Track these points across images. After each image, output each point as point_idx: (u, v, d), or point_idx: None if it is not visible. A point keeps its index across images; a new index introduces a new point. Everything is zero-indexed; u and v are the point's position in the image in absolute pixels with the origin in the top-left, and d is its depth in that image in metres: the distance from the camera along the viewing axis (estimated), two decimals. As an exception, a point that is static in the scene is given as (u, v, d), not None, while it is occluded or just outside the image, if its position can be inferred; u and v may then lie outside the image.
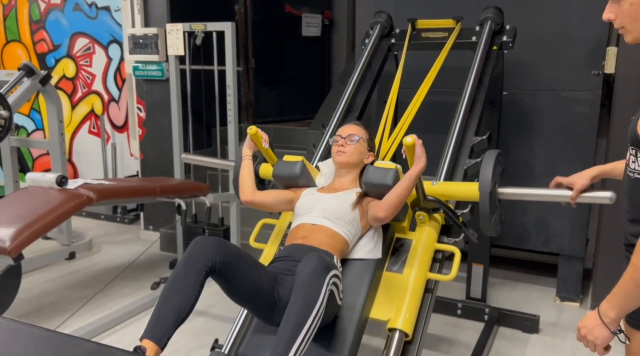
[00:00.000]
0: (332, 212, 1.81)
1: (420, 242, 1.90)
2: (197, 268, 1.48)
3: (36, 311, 3.10)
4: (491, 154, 1.90)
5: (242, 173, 1.98)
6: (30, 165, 5.82)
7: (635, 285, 1.12)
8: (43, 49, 5.55)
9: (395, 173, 1.81)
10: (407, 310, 1.75)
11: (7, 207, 2.44)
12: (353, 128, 2.01)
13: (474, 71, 2.48)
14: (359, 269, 1.83)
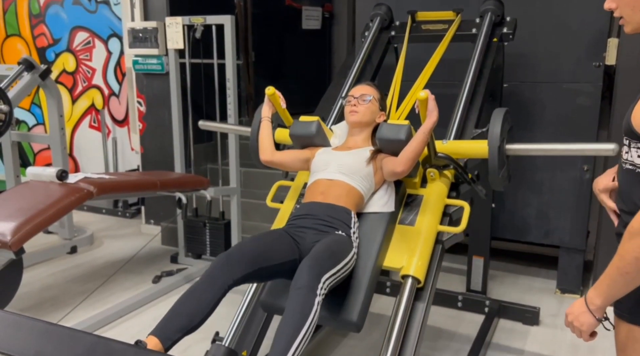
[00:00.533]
0: (347, 167, 1.89)
1: (431, 196, 2.00)
2: (217, 285, 1.52)
3: (38, 305, 3.11)
4: (499, 112, 1.96)
5: (262, 133, 2.09)
6: (32, 159, 5.83)
7: (620, 274, 1.14)
8: (43, 43, 5.54)
9: (408, 128, 1.89)
10: (419, 258, 1.84)
11: (7, 201, 2.45)
12: (365, 88, 2.07)
13: (474, 63, 2.48)
14: (374, 222, 1.92)
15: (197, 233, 3.64)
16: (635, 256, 1.09)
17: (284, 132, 2.22)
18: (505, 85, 3.16)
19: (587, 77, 3.06)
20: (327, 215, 1.81)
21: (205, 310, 1.50)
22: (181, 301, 1.51)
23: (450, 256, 3.70)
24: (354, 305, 1.75)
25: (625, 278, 1.14)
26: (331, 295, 1.75)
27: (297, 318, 1.41)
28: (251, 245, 1.66)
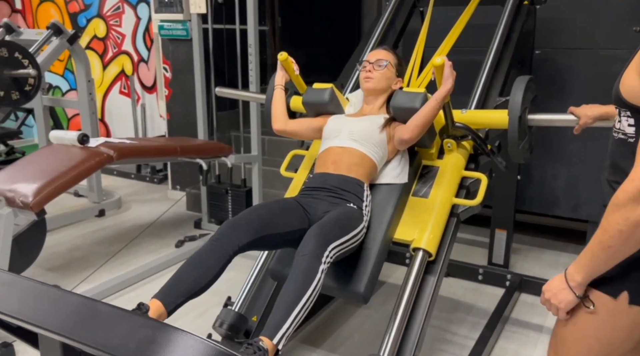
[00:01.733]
0: (360, 134, 1.83)
1: (447, 168, 1.93)
2: (222, 252, 1.51)
3: (65, 265, 3.21)
4: (522, 80, 1.85)
5: (275, 102, 2.03)
6: (65, 124, 5.96)
7: (601, 248, 1.07)
8: (75, 9, 5.59)
9: (424, 96, 1.82)
10: (432, 231, 1.79)
11: (31, 163, 2.50)
12: (381, 53, 1.99)
13: (502, 27, 2.36)
14: (386, 193, 1.88)
15: (219, 200, 3.67)
16: (619, 229, 1.02)
17: (299, 99, 2.17)
18: (537, 52, 3.02)
19: (626, 43, 2.88)
20: (338, 188, 1.77)
21: (210, 275, 1.49)
22: (186, 266, 1.51)
23: (473, 228, 3.63)
24: (361, 277, 1.73)
25: (607, 253, 1.07)
26: (339, 266, 1.75)
27: (300, 285, 1.40)
28: (259, 212, 1.65)
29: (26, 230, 2.33)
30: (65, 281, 2.90)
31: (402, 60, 2.07)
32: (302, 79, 2.17)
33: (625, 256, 1.07)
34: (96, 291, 2.74)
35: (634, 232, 1.01)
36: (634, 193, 0.99)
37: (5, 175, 2.44)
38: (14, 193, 2.28)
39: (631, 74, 1.06)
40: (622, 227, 1.02)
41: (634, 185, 0.99)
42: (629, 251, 1.06)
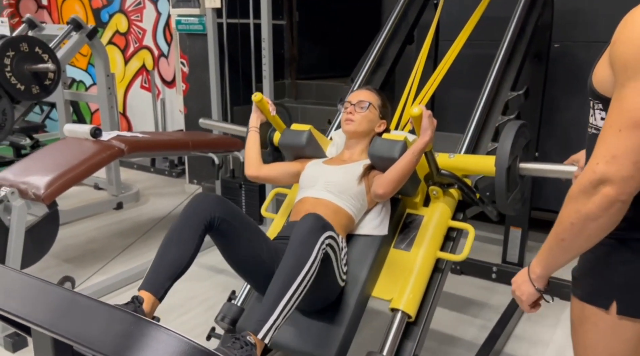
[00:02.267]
0: (336, 185, 1.72)
1: (432, 218, 1.79)
2: (195, 222, 1.48)
3: (81, 256, 3.27)
4: (512, 125, 1.72)
5: (248, 146, 1.91)
6: (88, 118, 6.06)
7: (557, 241, 1.04)
8: (97, 4, 5.68)
9: (403, 145, 1.68)
10: (412, 291, 1.65)
11: (45, 156, 2.55)
12: (363, 93, 1.88)
13: (515, 20, 2.31)
14: (364, 245, 1.74)
15: (233, 194, 3.68)
16: (571, 221, 0.99)
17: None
18: (556, 45, 2.94)
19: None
20: None
21: (189, 252, 1.46)
22: (163, 248, 1.48)
23: (487, 225, 3.56)
24: (333, 340, 1.60)
25: (561, 246, 1.04)
26: (309, 324, 1.65)
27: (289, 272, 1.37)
28: (236, 207, 1.60)
29: (39, 222, 2.38)
30: (79, 273, 2.95)
31: (386, 102, 1.93)
32: (320, 74, 2.06)
33: (580, 250, 1.04)
34: (108, 283, 2.79)
35: (585, 225, 0.97)
36: (585, 185, 0.96)
37: (20, 168, 2.49)
38: (27, 186, 2.33)
39: (603, 65, 1.02)
40: (574, 220, 0.98)
41: (586, 177, 0.95)
42: (583, 245, 1.02)
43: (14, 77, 3.23)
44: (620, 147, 0.91)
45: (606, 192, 0.93)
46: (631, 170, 0.91)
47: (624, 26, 0.94)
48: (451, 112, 3.29)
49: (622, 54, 0.93)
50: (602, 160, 0.93)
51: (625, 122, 0.91)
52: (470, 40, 2.46)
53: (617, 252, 1.06)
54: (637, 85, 0.90)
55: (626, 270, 1.05)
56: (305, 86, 4.68)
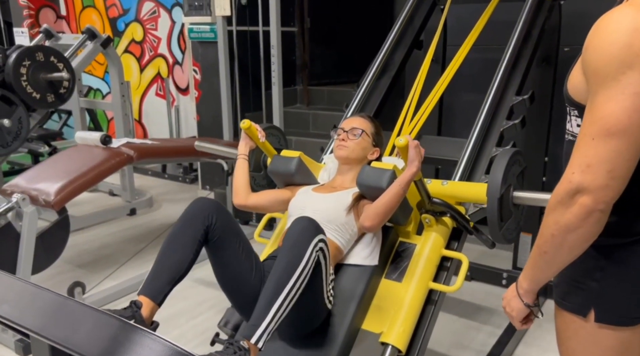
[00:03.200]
0: (324, 214, 1.67)
1: (424, 247, 1.73)
2: (195, 226, 1.48)
3: (94, 261, 3.32)
4: (505, 153, 1.67)
5: (236, 174, 1.86)
6: (105, 126, 6.16)
7: (539, 254, 1.02)
8: (114, 14, 5.78)
9: (392, 174, 1.63)
10: (402, 324, 1.60)
11: (55, 163, 2.61)
12: (357, 120, 1.85)
13: (521, 24, 2.29)
14: (353, 276, 1.69)
15: (244, 200, 3.70)
16: (552, 233, 0.97)
17: None
18: (566, 49, 2.91)
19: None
20: None
21: (189, 257, 1.46)
22: (162, 253, 1.48)
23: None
24: None
25: (544, 259, 1.01)
26: (300, 352, 1.61)
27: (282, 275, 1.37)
28: (233, 219, 1.61)
29: (50, 228, 2.43)
30: (91, 278, 3.00)
31: (380, 130, 1.90)
32: (332, 80, 2.04)
33: (564, 263, 1.01)
34: (119, 288, 2.83)
35: (565, 236, 0.95)
36: (562, 196, 0.94)
37: (31, 175, 2.55)
38: (38, 192, 2.38)
39: (577, 71, 1.01)
40: (554, 231, 0.96)
41: (562, 187, 0.94)
42: (565, 257, 1.00)
43: (29, 86, 3.31)
44: (595, 156, 0.90)
45: (583, 202, 0.91)
46: (606, 179, 0.89)
47: (594, 33, 0.92)
48: (459, 117, 3.28)
49: (592, 61, 0.92)
50: (578, 170, 0.92)
51: (597, 131, 0.90)
52: (478, 44, 2.45)
53: (594, 259, 1.04)
54: (607, 92, 0.89)
55: (603, 277, 1.04)
56: (317, 92, 4.70)
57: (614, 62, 0.87)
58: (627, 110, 0.87)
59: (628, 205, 0.99)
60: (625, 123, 0.87)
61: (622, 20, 0.88)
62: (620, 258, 1.03)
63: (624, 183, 0.91)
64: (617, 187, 0.90)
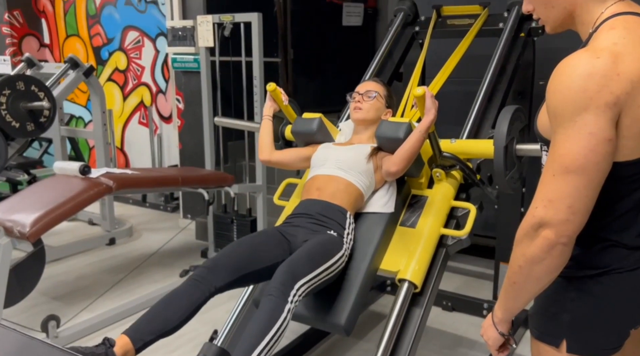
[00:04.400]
0: (346, 162, 1.83)
1: (435, 198, 1.91)
2: (199, 293, 1.51)
3: (71, 293, 3.26)
4: (508, 110, 1.82)
5: (261, 132, 2.04)
6: (87, 154, 6.12)
7: (509, 284, 1.07)
8: (98, 43, 5.80)
9: (408, 126, 1.81)
10: (418, 262, 1.76)
11: (32, 194, 2.57)
12: (370, 84, 2.03)
13: (496, 59, 2.35)
14: (372, 222, 1.86)
15: (225, 229, 3.69)
16: (519, 264, 1.01)
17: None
18: (541, 83, 2.97)
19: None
20: (320, 214, 1.76)
21: (182, 316, 1.49)
22: (160, 304, 1.51)
23: (479, 260, 3.55)
24: (343, 308, 1.72)
25: (514, 289, 1.06)
26: (321, 296, 1.74)
27: (263, 325, 1.38)
28: (239, 251, 1.64)
29: (24, 260, 2.38)
30: (67, 310, 2.93)
31: (391, 92, 2.08)
32: (315, 109, 2.20)
33: (533, 292, 1.05)
34: (94, 321, 2.77)
35: (532, 268, 1.00)
36: (527, 229, 0.98)
37: (7, 206, 2.51)
38: (13, 223, 2.34)
39: (543, 111, 1.06)
40: (521, 263, 1.01)
41: (527, 221, 0.99)
42: (534, 288, 1.04)
43: (9, 115, 3.29)
44: (555, 191, 0.95)
45: (546, 235, 0.96)
46: (567, 214, 0.94)
47: (553, 77, 0.98)
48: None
49: (552, 103, 0.97)
50: (540, 204, 0.96)
51: (557, 167, 0.95)
52: (457, 77, 2.51)
53: (565, 290, 1.08)
54: (565, 132, 0.94)
55: (573, 308, 1.07)
56: (300, 121, 4.74)
57: (570, 105, 0.93)
58: (584, 148, 0.92)
59: (592, 239, 1.04)
60: (582, 161, 0.92)
61: (578, 65, 0.93)
62: (589, 290, 1.06)
63: (584, 218, 0.95)
64: (577, 221, 0.95)
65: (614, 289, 1.04)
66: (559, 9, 1.07)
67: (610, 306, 1.05)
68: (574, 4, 1.05)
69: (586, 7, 1.04)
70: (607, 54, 0.93)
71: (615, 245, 1.04)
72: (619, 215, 1.03)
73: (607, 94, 0.91)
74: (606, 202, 1.00)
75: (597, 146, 0.92)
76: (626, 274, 1.04)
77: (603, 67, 0.92)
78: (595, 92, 0.91)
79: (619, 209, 1.02)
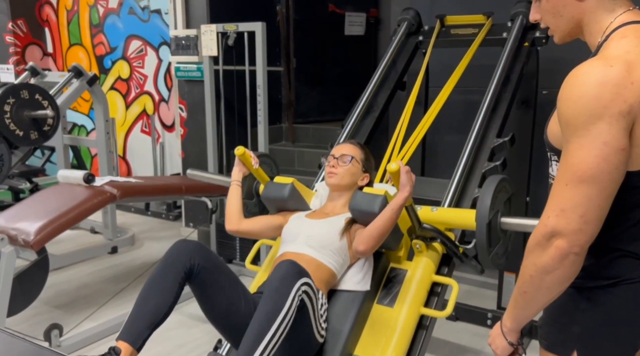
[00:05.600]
0: (317, 240, 1.70)
1: (415, 273, 1.77)
2: (175, 270, 1.47)
3: (72, 302, 3.24)
4: (492, 180, 1.72)
5: (229, 200, 1.90)
6: (89, 163, 6.13)
7: (519, 293, 1.05)
8: (101, 52, 5.82)
9: (383, 200, 1.68)
10: (395, 349, 1.62)
11: (36, 202, 2.57)
12: (347, 147, 1.89)
13: (500, 68, 2.36)
14: (346, 301, 1.72)
15: (227, 238, 3.67)
16: (530, 274, 1.00)
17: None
18: (545, 92, 2.98)
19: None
20: None
21: (169, 301, 1.45)
22: (142, 296, 1.47)
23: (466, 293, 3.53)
24: None
25: (524, 298, 1.05)
26: None
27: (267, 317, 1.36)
28: (216, 256, 1.61)
29: (28, 269, 2.38)
30: (69, 319, 2.92)
31: (369, 155, 1.94)
32: (317, 118, 2.09)
33: (544, 302, 1.04)
34: (97, 331, 2.75)
35: (543, 278, 0.99)
36: (538, 239, 0.98)
37: (11, 214, 2.51)
38: (17, 232, 2.34)
39: (554, 119, 1.06)
40: (532, 273, 1.00)
41: (539, 231, 0.98)
42: (544, 297, 1.03)
43: (13, 123, 3.30)
44: (568, 201, 0.94)
45: (558, 245, 0.95)
46: (579, 223, 0.93)
47: (565, 85, 0.97)
48: (441, 157, 3.32)
49: (564, 112, 0.96)
50: (552, 214, 0.96)
51: (570, 177, 0.94)
52: (460, 86, 2.51)
53: (575, 300, 1.07)
54: (578, 140, 0.93)
55: (584, 319, 1.06)
56: (302, 130, 4.75)
57: (583, 114, 0.92)
58: (597, 158, 0.91)
59: (603, 249, 1.03)
60: (595, 170, 0.92)
61: (592, 74, 0.93)
62: (600, 301, 1.05)
63: (596, 228, 0.95)
64: (589, 231, 0.94)
65: (625, 300, 1.03)
66: (567, 18, 1.07)
67: (622, 317, 1.04)
68: (582, 13, 1.05)
69: (594, 17, 1.04)
70: (620, 63, 0.92)
71: (627, 255, 1.03)
72: (630, 225, 1.02)
73: (620, 103, 0.90)
74: (618, 212, 0.99)
75: (611, 155, 0.91)
76: (638, 285, 1.03)
77: (617, 75, 0.91)
78: (609, 100, 0.90)
79: (631, 219, 1.01)
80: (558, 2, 1.06)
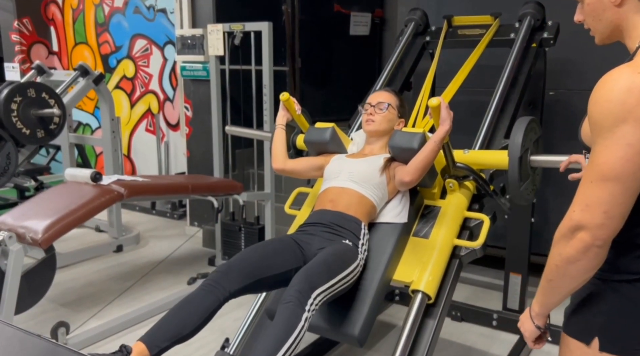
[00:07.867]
0: (359, 175, 1.84)
1: (448, 208, 1.91)
2: (213, 298, 1.52)
3: (78, 300, 3.25)
4: (522, 121, 1.84)
5: (275, 141, 2.05)
6: (93, 161, 6.14)
7: (546, 281, 1.13)
8: (106, 51, 5.83)
9: (422, 137, 1.81)
10: (431, 273, 1.76)
11: (44, 201, 2.58)
12: (382, 95, 2.02)
13: (508, 69, 2.35)
14: (385, 232, 1.87)
15: (233, 237, 3.68)
16: (556, 263, 1.07)
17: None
18: (551, 93, 2.98)
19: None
20: (335, 224, 1.77)
21: (197, 322, 1.49)
22: (175, 310, 1.51)
23: (489, 271, 3.53)
24: (356, 319, 1.72)
25: (550, 286, 1.12)
26: (334, 306, 1.74)
27: (281, 333, 1.38)
28: (252, 256, 1.65)
29: (35, 267, 2.38)
30: (76, 317, 2.93)
31: (404, 102, 2.08)
32: (322, 118, 2.22)
33: (569, 290, 1.11)
34: (103, 329, 2.76)
35: (567, 267, 1.05)
36: (564, 231, 1.04)
37: (19, 212, 2.52)
38: (25, 230, 2.34)
39: (586, 121, 1.13)
40: (557, 262, 1.07)
41: (565, 223, 1.04)
42: (569, 285, 1.09)
43: (19, 122, 3.31)
44: (593, 197, 1.01)
45: (582, 237, 1.02)
46: (602, 219, 1.00)
47: (596, 89, 1.03)
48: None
49: (593, 115, 1.02)
50: (578, 208, 1.03)
51: (596, 175, 1.00)
52: (467, 87, 2.51)
53: (600, 291, 1.13)
54: (604, 142, 1.00)
55: (608, 309, 1.12)
56: (307, 129, 4.74)
57: (610, 117, 0.98)
58: (621, 159, 0.97)
59: (628, 246, 1.09)
60: (619, 170, 0.98)
61: (619, 80, 0.99)
62: (625, 294, 1.10)
63: (619, 223, 1.01)
64: (612, 226, 1.01)
65: None
66: (606, 22, 1.11)
67: None
68: (621, 18, 1.09)
69: (632, 22, 1.08)
70: None
71: None
72: None
73: None
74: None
75: (634, 156, 0.97)
76: None
77: None
78: (634, 105, 0.96)
79: None
80: (598, 6, 1.11)
